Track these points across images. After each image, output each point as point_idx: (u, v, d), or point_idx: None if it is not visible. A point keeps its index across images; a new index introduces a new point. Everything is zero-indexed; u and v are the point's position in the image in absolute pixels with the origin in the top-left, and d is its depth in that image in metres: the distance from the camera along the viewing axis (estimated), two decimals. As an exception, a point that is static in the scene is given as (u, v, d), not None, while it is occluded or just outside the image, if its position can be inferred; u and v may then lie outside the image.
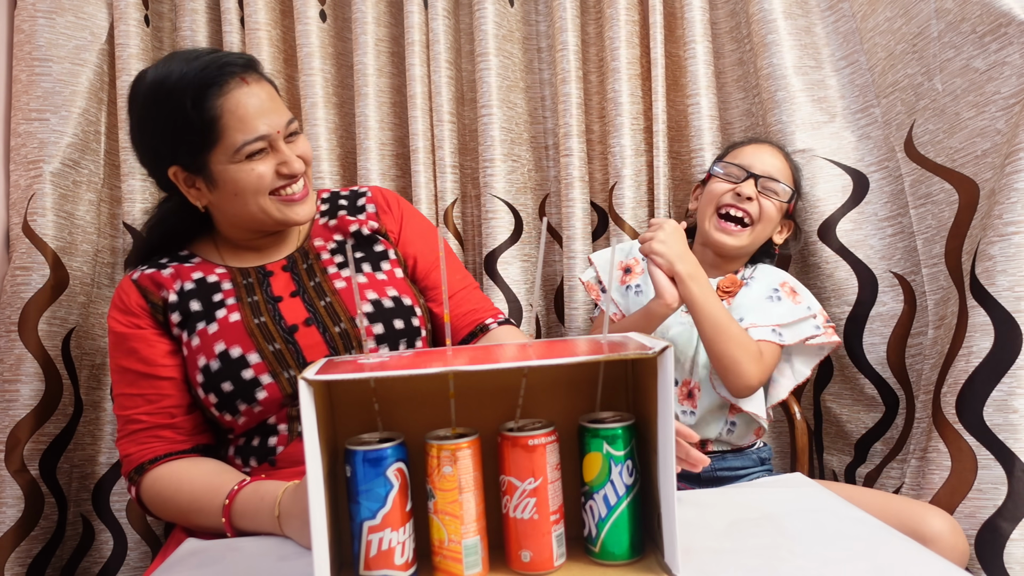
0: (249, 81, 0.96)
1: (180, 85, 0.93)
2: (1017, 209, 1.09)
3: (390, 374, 0.59)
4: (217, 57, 0.96)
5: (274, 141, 0.97)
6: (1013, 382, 1.08)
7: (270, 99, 0.98)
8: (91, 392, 1.43)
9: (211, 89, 0.93)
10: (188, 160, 0.97)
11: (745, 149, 1.33)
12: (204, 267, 1.05)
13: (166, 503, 0.94)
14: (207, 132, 0.94)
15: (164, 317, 1.01)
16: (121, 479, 1.43)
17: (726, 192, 1.27)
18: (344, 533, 0.66)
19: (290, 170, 0.98)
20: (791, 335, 1.24)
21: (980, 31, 1.17)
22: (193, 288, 1.01)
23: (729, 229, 1.27)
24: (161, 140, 0.98)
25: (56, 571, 1.36)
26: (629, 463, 0.67)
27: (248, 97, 0.95)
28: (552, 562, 0.66)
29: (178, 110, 0.93)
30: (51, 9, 1.40)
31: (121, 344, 1.01)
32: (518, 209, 1.57)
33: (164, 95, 0.94)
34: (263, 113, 0.96)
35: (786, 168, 1.32)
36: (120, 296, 1.03)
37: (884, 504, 1.06)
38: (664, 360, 0.62)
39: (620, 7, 1.48)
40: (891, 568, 0.66)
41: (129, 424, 0.98)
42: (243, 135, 0.94)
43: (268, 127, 0.96)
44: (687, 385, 1.27)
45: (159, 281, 1.02)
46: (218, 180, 0.98)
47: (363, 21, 1.50)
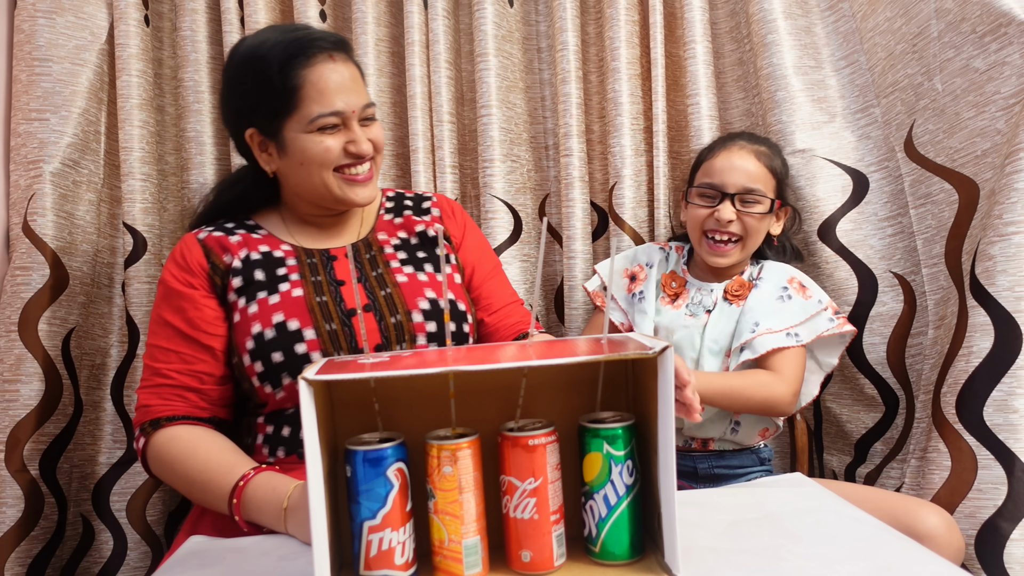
0: (335, 59, 1.00)
1: (271, 53, 0.98)
2: (1017, 209, 1.09)
3: (390, 374, 0.59)
4: (310, 32, 1.02)
5: (348, 119, 1.01)
6: (1013, 382, 1.08)
7: (352, 80, 1.02)
8: (91, 392, 1.43)
9: (297, 59, 0.98)
10: (265, 123, 1.02)
11: (715, 163, 1.29)
12: (271, 241, 1.07)
13: (174, 465, 0.94)
14: (286, 99, 0.98)
15: (223, 281, 1.03)
16: (121, 479, 1.42)
17: (706, 218, 1.27)
18: (344, 533, 0.66)
19: (358, 149, 1.01)
20: (807, 332, 1.24)
21: (980, 31, 1.17)
22: (259, 259, 1.04)
23: (719, 250, 1.27)
24: (244, 101, 1.04)
25: (56, 571, 1.36)
26: (629, 463, 0.67)
27: (331, 73, 0.99)
28: (552, 562, 0.66)
29: (264, 75, 0.98)
30: (51, 9, 1.40)
31: (170, 298, 1.02)
32: (518, 209, 1.57)
33: (255, 60, 1.00)
34: (342, 90, 1.00)
35: (761, 169, 1.27)
36: (182, 252, 1.05)
37: (880, 501, 1.06)
38: (664, 360, 0.62)
39: (620, 7, 1.48)
40: (891, 568, 0.66)
41: (157, 376, 0.99)
42: (319, 107, 0.98)
43: (344, 104, 0.99)
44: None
45: (226, 245, 1.05)
46: (288, 147, 1.01)
47: (363, 21, 1.50)
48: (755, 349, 1.21)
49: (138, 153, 1.45)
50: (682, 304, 1.31)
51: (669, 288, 1.33)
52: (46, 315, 1.33)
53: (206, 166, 1.54)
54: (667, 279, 1.34)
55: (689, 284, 1.33)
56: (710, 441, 1.26)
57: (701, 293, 1.31)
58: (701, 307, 1.29)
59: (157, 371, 1.00)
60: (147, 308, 1.44)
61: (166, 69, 1.58)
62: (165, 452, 0.95)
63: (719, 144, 1.33)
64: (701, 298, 1.30)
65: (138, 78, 1.45)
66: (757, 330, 1.22)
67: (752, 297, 1.27)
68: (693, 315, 1.29)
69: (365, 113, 1.03)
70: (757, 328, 1.22)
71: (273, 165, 1.06)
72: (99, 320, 1.46)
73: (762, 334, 1.21)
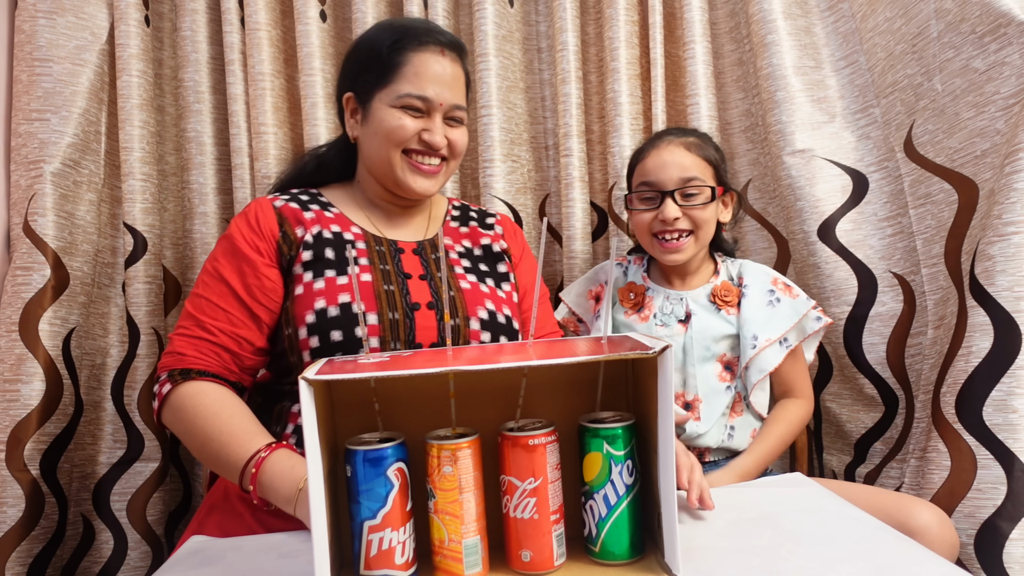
0: (445, 55, 1.05)
1: (390, 32, 1.06)
2: (1016, 209, 1.09)
3: (390, 374, 0.59)
4: (431, 26, 1.09)
5: (432, 109, 1.04)
6: (1012, 382, 1.08)
7: (452, 77, 1.06)
8: (91, 392, 1.43)
9: (409, 41, 1.04)
10: (362, 90, 1.07)
11: (647, 163, 1.26)
12: (342, 221, 1.09)
13: (195, 420, 0.93)
14: (385, 72, 1.04)
15: (291, 252, 1.03)
16: (121, 479, 1.43)
17: (652, 220, 1.25)
18: (344, 533, 0.66)
19: (430, 138, 1.04)
20: (796, 336, 1.26)
21: (980, 31, 1.17)
22: (330, 238, 1.05)
23: (673, 247, 1.25)
24: (353, 67, 1.10)
25: (56, 571, 1.36)
26: (629, 463, 0.67)
27: (434, 63, 1.04)
28: (552, 562, 0.66)
29: (376, 48, 1.05)
30: (52, 9, 1.40)
31: (233, 257, 1.02)
32: (518, 209, 1.57)
33: (375, 35, 1.08)
34: (438, 81, 1.04)
35: (694, 159, 1.24)
36: (256, 213, 1.05)
37: (872, 498, 1.06)
38: (664, 360, 0.62)
39: (620, 7, 1.49)
40: (891, 568, 0.66)
41: (199, 328, 0.99)
42: (410, 87, 1.03)
43: (434, 94, 1.03)
44: (682, 397, 1.24)
45: (301, 219, 1.06)
46: (371, 116, 1.06)
47: (363, 21, 1.50)
48: (761, 368, 1.23)
49: (138, 153, 1.45)
50: (648, 315, 1.29)
51: (627, 300, 1.32)
52: (47, 315, 1.33)
53: (206, 166, 1.55)
54: (623, 292, 1.33)
55: (652, 291, 1.31)
56: (707, 452, 1.25)
57: (670, 303, 1.28)
58: (672, 317, 1.27)
59: (201, 323, 0.99)
60: (147, 308, 1.44)
61: (166, 69, 1.58)
62: (189, 404, 0.93)
63: (648, 144, 1.30)
64: (672, 307, 1.28)
65: (138, 78, 1.45)
66: (757, 344, 1.22)
67: (745, 306, 1.26)
68: (664, 324, 1.27)
69: (453, 112, 1.06)
70: (757, 342, 1.22)
71: (356, 131, 1.10)
72: (100, 320, 1.46)
73: (763, 348, 1.22)
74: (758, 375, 1.23)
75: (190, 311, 1.01)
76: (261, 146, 1.49)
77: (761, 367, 1.23)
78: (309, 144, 1.50)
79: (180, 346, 0.98)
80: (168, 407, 0.96)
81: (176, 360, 0.97)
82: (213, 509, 0.98)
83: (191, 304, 1.02)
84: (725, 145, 1.57)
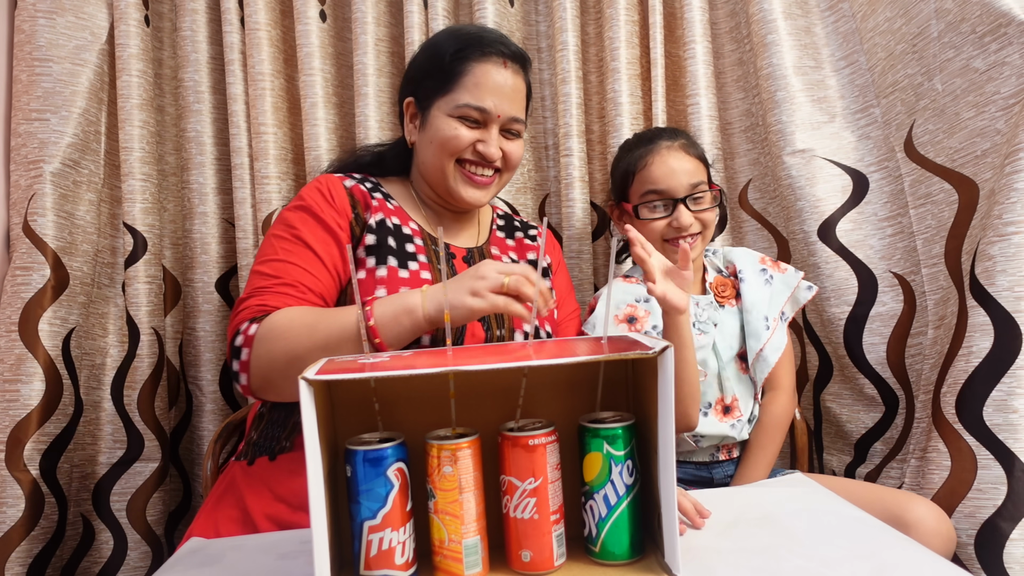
0: (507, 66, 1.05)
1: (454, 39, 1.06)
2: (1017, 209, 1.09)
3: (390, 374, 0.59)
4: (496, 36, 1.08)
5: (490, 120, 1.04)
6: (1013, 382, 1.08)
7: (513, 90, 1.06)
8: (91, 392, 1.43)
9: (472, 51, 1.04)
10: (422, 96, 1.08)
11: (653, 171, 1.24)
12: (401, 214, 1.08)
13: (295, 321, 0.88)
14: (446, 80, 1.04)
15: (360, 233, 1.03)
16: (121, 479, 1.43)
17: (664, 228, 1.23)
18: (344, 533, 0.66)
19: (484, 150, 1.04)
20: (791, 307, 1.31)
21: (980, 31, 1.17)
22: (392, 228, 1.05)
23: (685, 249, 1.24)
24: (416, 73, 1.11)
25: (56, 571, 1.36)
26: (629, 463, 0.67)
27: (496, 74, 1.04)
28: (552, 562, 0.66)
29: (439, 55, 1.05)
30: (51, 9, 1.40)
31: (317, 225, 1.00)
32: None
33: (440, 42, 1.08)
34: (497, 93, 1.03)
35: (695, 163, 1.25)
36: (329, 188, 1.04)
37: (868, 493, 1.07)
38: (664, 360, 0.62)
39: (620, 7, 1.49)
40: (891, 567, 0.66)
41: (283, 285, 0.94)
42: (469, 97, 1.03)
43: (493, 105, 1.03)
44: (721, 403, 1.24)
45: (368, 203, 1.05)
46: (429, 123, 1.06)
47: (363, 21, 1.50)
48: (777, 347, 1.25)
49: (138, 153, 1.45)
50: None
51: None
52: (46, 315, 1.33)
53: (206, 166, 1.55)
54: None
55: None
56: (735, 447, 1.27)
57: (702, 308, 1.27)
58: (709, 323, 1.27)
59: (286, 281, 0.94)
60: (147, 308, 1.44)
61: (166, 69, 1.58)
62: (282, 317, 0.89)
63: (644, 150, 1.27)
64: (707, 314, 1.27)
65: (138, 78, 1.45)
66: (769, 324, 1.25)
67: (747, 292, 1.28)
68: (703, 332, 1.26)
69: (511, 125, 1.06)
70: (768, 323, 1.25)
71: (413, 137, 1.10)
72: (99, 320, 1.46)
73: (774, 330, 1.25)
74: (775, 353, 1.24)
75: (268, 272, 0.96)
76: (261, 146, 1.49)
77: (776, 346, 1.25)
78: (309, 144, 1.50)
79: (265, 299, 0.92)
80: (258, 340, 0.88)
81: (259, 311, 0.91)
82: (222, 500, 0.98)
83: (269, 268, 0.97)
84: (725, 145, 1.57)
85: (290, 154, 1.55)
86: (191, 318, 1.56)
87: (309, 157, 1.50)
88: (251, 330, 0.89)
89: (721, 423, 1.23)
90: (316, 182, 1.06)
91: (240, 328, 0.91)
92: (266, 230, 1.49)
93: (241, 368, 0.90)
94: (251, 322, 0.90)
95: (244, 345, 0.89)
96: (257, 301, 0.93)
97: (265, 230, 1.49)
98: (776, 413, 1.27)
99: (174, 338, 1.54)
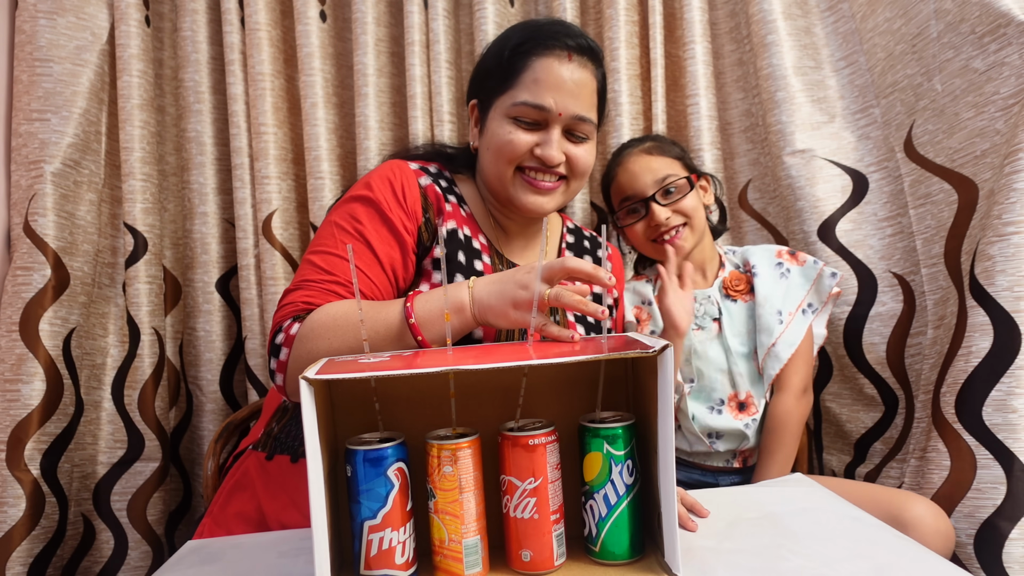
0: (572, 59, 0.95)
1: (515, 33, 0.97)
2: (1016, 209, 1.09)
3: (391, 374, 0.59)
4: (560, 28, 0.97)
5: (550, 120, 0.94)
6: (1012, 382, 1.08)
7: (577, 85, 0.95)
8: (91, 392, 1.43)
9: (535, 44, 0.94)
10: (484, 97, 1.00)
11: (620, 180, 1.30)
12: (472, 225, 1.02)
13: (338, 314, 0.82)
14: (505, 77, 0.95)
15: (428, 243, 0.95)
16: (121, 479, 1.43)
17: (646, 228, 1.27)
18: (344, 533, 0.66)
19: (543, 154, 0.94)
20: (817, 298, 1.28)
21: (979, 32, 1.17)
22: (463, 240, 0.98)
23: (674, 243, 1.25)
24: (480, 72, 1.03)
25: (57, 571, 1.36)
26: (629, 463, 0.67)
27: (559, 68, 0.94)
28: (552, 562, 0.66)
29: (500, 51, 0.97)
30: (52, 10, 1.40)
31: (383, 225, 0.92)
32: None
33: (503, 37, 1.00)
34: (559, 89, 0.93)
35: (660, 160, 1.28)
36: (403, 185, 0.95)
37: (865, 493, 1.07)
38: (664, 359, 0.62)
39: (620, 7, 1.49)
40: (890, 567, 0.66)
41: (335, 284, 0.88)
42: (526, 95, 0.93)
43: (553, 103, 0.93)
44: (735, 399, 1.25)
45: (442, 208, 0.98)
46: (487, 128, 0.98)
47: (363, 21, 1.50)
48: (791, 343, 1.23)
49: (139, 153, 1.45)
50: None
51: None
52: (47, 315, 1.33)
53: (206, 166, 1.55)
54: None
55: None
56: (752, 455, 1.27)
57: (700, 303, 1.30)
58: (707, 317, 1.28)
59: (338, 280, 0.88)
60: (147, 308, 1.44)
61: (167, 69, 1.58)
62: (324, 315, 0.83)
63: (612, 163, 1.34)
64: (704, 308, 1.29)
65: (139, 78, 1.45)
66: (783, 319, 1.23)
67: (759, 287, 1.27)
68: (701, 327, 1.28)
69: (576, 126, 0.96)
70: (782, 317, 1.24)
71: (475, 142, 1.04)
72: (100, 320, 1.46)
73: (790, 322, 1.23)
74: (788, 349, 1.23)
75: (321, 266, 0.89)
76: (261, 146, 1.49)
77: (791, 341, 1.23)
78: (309, 144, 1.50)
79: (311, 296, 0.87)
80: (300, 339, 0.83)
81: (304, 307, 0.86)
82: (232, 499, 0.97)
83: (323, 261, 0.90)
84: (725, 145, 1.57)
85: (290, 154, 1.56)
86: (191, 318, 1.56)
87: (309, 157, 1.50)
88: (293, 329, 0.84)
89: (736, 420, 1.23)
90: (389, 170, 0.96)
91: (282, 326, 0.86)
92: (266, 230, 1.49)
93: (278, 368, 0.86)
94: (294, 320, 0.85)
95: (284, 344, 0.85)
96: (304, 297, 0.87)
97: (265, 230, 1.49)
98: (777, 415, 1.23)
99: (174, 338, 1.54)
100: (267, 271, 1.50)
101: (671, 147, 1.32)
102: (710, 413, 1.24)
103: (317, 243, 0.93)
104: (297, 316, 0.86)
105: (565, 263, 0.76)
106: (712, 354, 1.26)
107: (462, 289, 0.81)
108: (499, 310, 0.78)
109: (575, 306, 0.75)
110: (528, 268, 0.79)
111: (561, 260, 0.77)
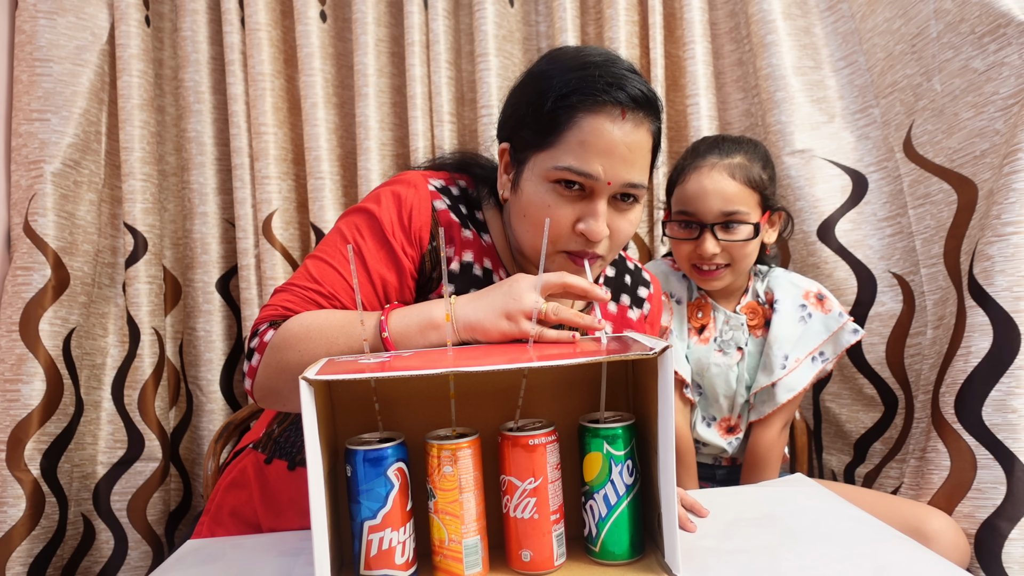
0: (627, 118, 0.81)
1: (558, 73, 0.83)
2: (1015, 209, 1.09)
3: (391, 374, 0.59)
4: (619, 76, 0.82)
5: (597, 189, 0.82)
6: (1012, 382, 1.09)
7: (631, 149, 0.81)
8: (91, 392, 1.44)
9: (581, 99, 0.80)
10: (518, 143, 0.87)
11: (687, 187, 1.16)
12: (493, 258, 0.93)
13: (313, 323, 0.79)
14: (546, 132, 0.82)
15: (431, 275, 0.89)
16: (121, 479, 1.43)
17: (691, 252, 1.18)
18: (344, 533, 0.66)
19: (587, 229, 0.82)
20: (832, 350, 1.22)
21: (979, 32, 1.17)
22: (479, 276, 0.91)
23: (710, 278, 1.19)
24: (514, 111, 0.89)
25: (57, 571, 1.36)
26: (629, 463, 0.67)
27: (611, 130, 0.80)
28: (552, 562, 0.67)
29: (541, 95, 0.82)
30: (52, 10, 1.40)
31: (381, 248, 0.87)
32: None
33: (548, 71, 0.84)
34: (610, 155, 0.80)
35: (738, 187, 1.14)
36: (412, 208, 0.88)
37: (885, 505, 1.07)
38: (664, 360, 0.62)
39: (620, 7, 1.49)
40: (891, 568, 0.66)
41: (320, 296, 0.85)
42: (571, 159, 0.80)
43: (602, 171, 0.80)
44: (727, 422, 1.27)
45: (454, 238, 0.90)
46: (521, 185, 0.86)
47: (363, 21, 1.50)
48: (791, 388, 1.19)
49: (139, 153, 1.45)
50: (710, 337, 1.25)
51: (695, 319, 1.26)
52: (47, 315, 1.33)
53: (206, 166, 1.55)
54: (692, 309, 1.26)
55: (715, 312, 1.25)
56: (738, 459, 1.30)
57: (732, 329, 1.24)
58: (733, 344, 1.24)
59: (322, 291, 0.85)
60: (147, 308, 1.44)
61: (167, 70, 1.58)
62: (297, 325, 0.80)
63: (689, 162, 1.19)
64: (733, 335, 1.24)
65: (139, 78, 1.45)
66: (788, 364, 1.19)
67: (775, 325, 1.21)
68: (723, 351, 1.24)
69: (625, 191, 0.83)
70: (787, 362, 1.19)
71: (506, 193, 0.90)
72: (100, 320, 1.46)
73: (793, 368, 1.19)
74: (787, 394, 1.19)
75: (315, 275, 0.86)
76: (261, 146, 1.49)
77: (791, 386, 1.19)
78: (309, 144, 1.50)
79: (292, 302, 0.84)
80: (272, 347, 0.80)
81: (284, 313, 0.84)
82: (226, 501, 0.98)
83: (316, 267, 0.87)
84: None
85: (290, 154, 1.56)
86: (191, 318, 1.56)
87: (309, 157, 1.51)
88: (267, 335, 0.82)
89: (722, 439, 1.27)
90: (403, 186, 0.89)
91: (258, 330, 0.84)
92: (266, 230, 1.50)
93: (249, 373, 0.84)
94: (270, 325, 0.83)
95: (257, 350, 0.83)
96: (285, 301, 0.85)
97: (265, 230, 1.50)
98: (759, 450, 1.22)
99: (174, 338, 1.54)
100: (267, 271, 1.50)
101: (760, 171, 1.16)
102: (700, 423, 1.27)
103: (320, 246, 0.91)
104: (274, 322, 0.83)
105: (563, 278, 0.74)
106: (726, 380, 1.24)
107: (439, 306, 0.76)
108: (488, 323, 0.73)
109: (573, 320, 0.73)
110: (515, 279, 0.76)
111: (559, 274, 0.75)
